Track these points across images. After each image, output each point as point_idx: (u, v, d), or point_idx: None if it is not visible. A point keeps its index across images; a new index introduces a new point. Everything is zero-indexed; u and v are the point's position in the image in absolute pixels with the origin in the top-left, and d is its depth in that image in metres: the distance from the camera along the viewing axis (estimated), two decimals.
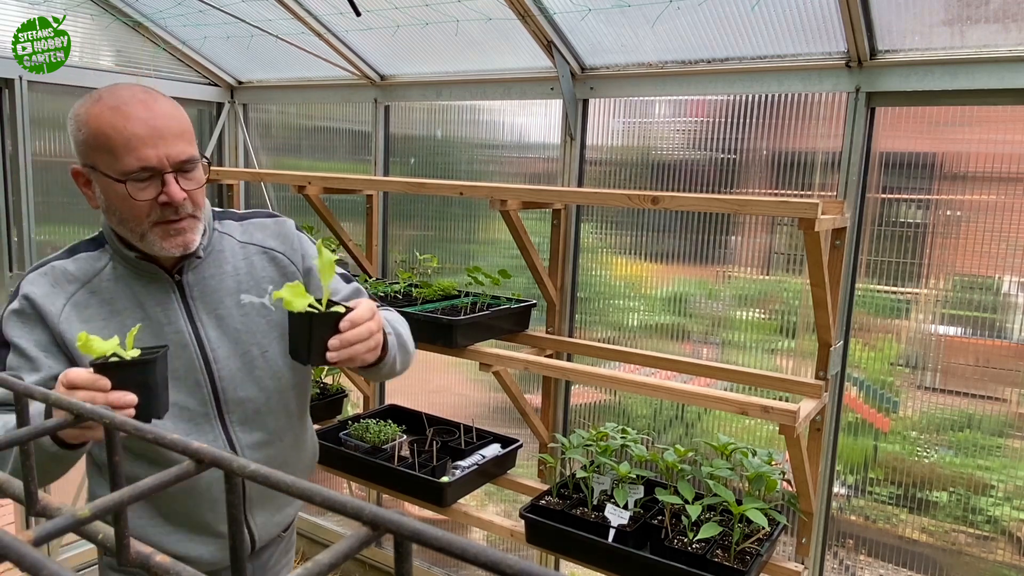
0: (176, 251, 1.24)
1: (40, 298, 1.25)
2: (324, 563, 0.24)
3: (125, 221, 1.22)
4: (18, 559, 0.22)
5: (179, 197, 1.20)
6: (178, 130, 1.21)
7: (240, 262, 1.38)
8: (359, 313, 1.15)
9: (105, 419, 0.32)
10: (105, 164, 1.18)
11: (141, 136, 1.17)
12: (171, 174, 1.20)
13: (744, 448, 1.94)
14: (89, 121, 1.18)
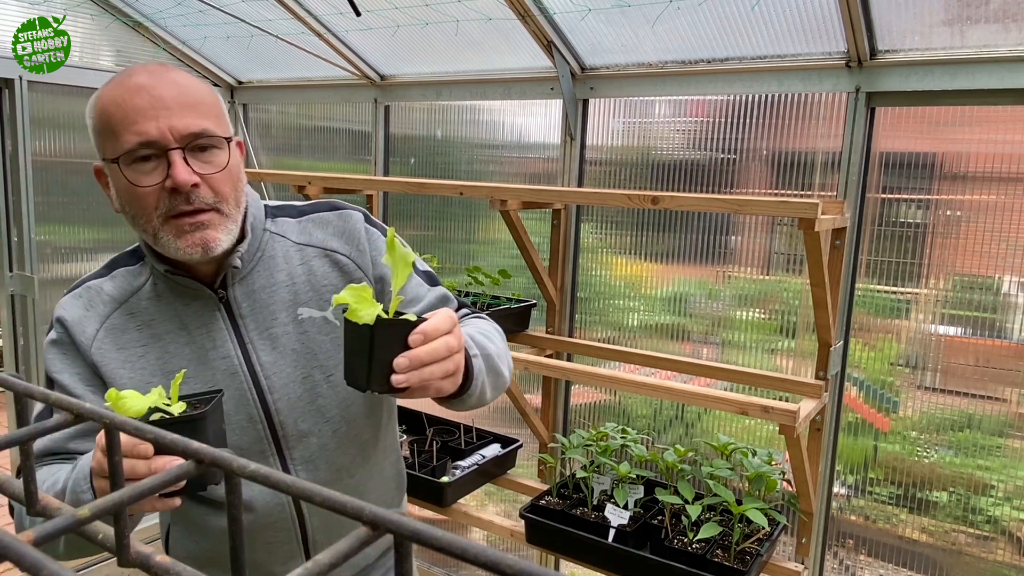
0: (194, 253, 1.00)
1: (73, 324, 1.07)
2: (324, 563, 0.24)
3: (136, 219, 1.02)
4: (18, 559, 0.22)
5: (185, 179, 0.96)
6: (189, 100, 0.98)
7: (297, 268, 1.13)
8: (435, 324, 0.86)
9: (105, 419, 0.32)
10: (109, 149, 0.99)
11: (141, 107, 0.96)
12: (177, 151, 0.96)
13: (744, 448, 1.94)
14: (96, 104, 1.01)
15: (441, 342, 0.86)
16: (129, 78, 0.98)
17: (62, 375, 1.06)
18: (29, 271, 2.85)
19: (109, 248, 3.13)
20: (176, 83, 0.99)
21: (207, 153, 1.00)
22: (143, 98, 0.96)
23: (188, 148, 0.98)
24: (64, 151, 2.94)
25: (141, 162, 0.97)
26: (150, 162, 0.97)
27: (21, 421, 0.33)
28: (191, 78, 1.03)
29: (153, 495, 0.79)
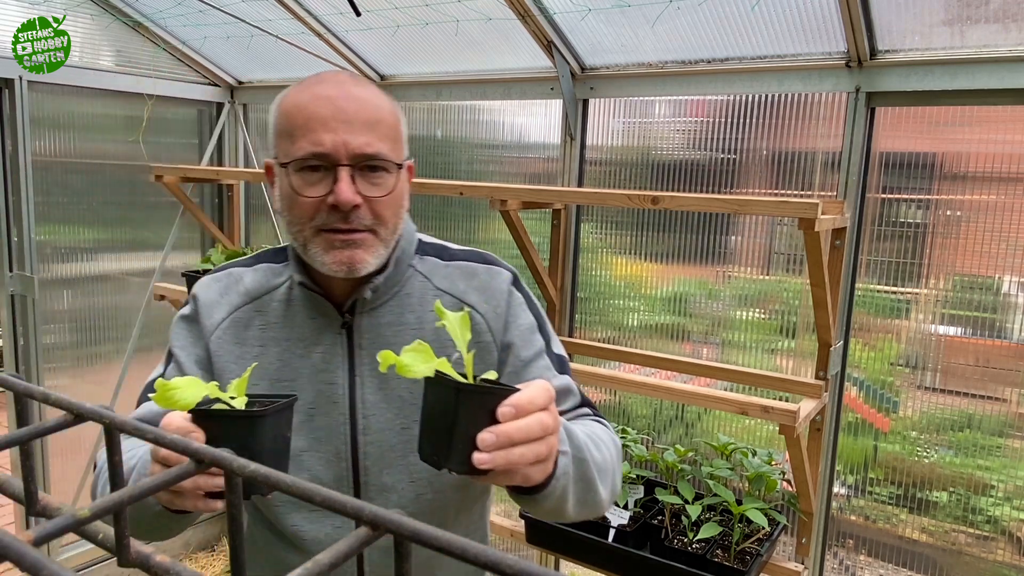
0: (339, 270, 0.97)
1: (203, 306, 1.07)
2: (324, 563, 0.24)
3: (291, 225, 0.99)
4: (18, 559, 0.22)
5: (347, 199, 0.94)
6: (369, 118, 0.96)
7: (428, 314, 1.06)
8: (529, 396, 0.72)
9: (105, 419, 0.32)
10: (282, 151, 1.00)
11: (321, 116, 0.95)
12: (346, 168, 0.94)
13: (744, 448, 1.94)
14: (281, 103, 1.02)
15: (535, 419, 0.73)
16: (317, 85, 0.99)
17: (181, 352, 1.06)
18: (29, 271, 2.85)
19: (109, 248, 3.13)
20: (361, 99, 0.97)
21: (375, 174, 0.97)
22: (325, 108, 0.95)
23: (357, 167, 0.96)
24: (64, 151, 2.94)
25: (309, 171, 0.96)
26: (318, 172, 0.96)
27: (21, 421, 0.33)
28: (379, 95, 1.01)
29: (198, 495, 0.76)
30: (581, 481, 0.91)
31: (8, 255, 2.86)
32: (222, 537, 3.68)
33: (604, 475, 0.96)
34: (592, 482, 0.93)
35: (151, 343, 3.32)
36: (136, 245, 3.22)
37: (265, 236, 3.42)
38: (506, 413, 0.71)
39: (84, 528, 0.28)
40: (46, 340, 2.98)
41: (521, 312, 1.09)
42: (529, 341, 1.08)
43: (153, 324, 3.29)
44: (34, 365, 2.95)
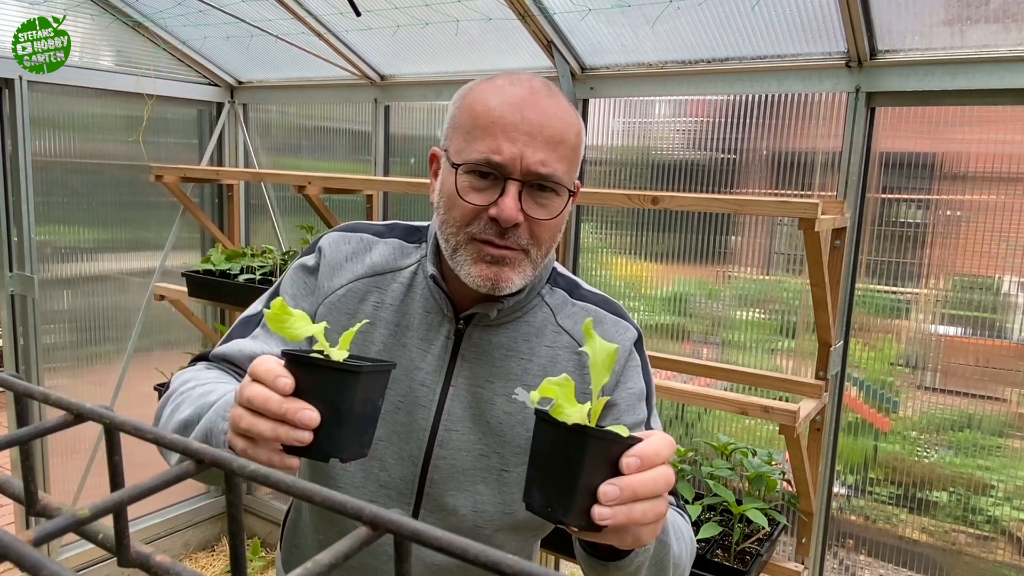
0: (484, 285, 0.93)
1: (327, 264, 1.04)
2: (324, 563, 0.24)
3: (445, 224, 0.95)
4: (18, 559, 0.22)
5: (511, 216, 0.90)
6: (554, 135, 0.91)
7: (542, 348, 1.02)
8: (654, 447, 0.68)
9: (105, 419, 0.32)
10: (455, 147, 0.95)
11: (506, 122, 0.90)
12: (516, 183, 0.90)
13: (744, 448, 1.94)
14: (467, 95, 0.96)
15: (659, 472, 0.67)
16: (511, 87, 0.94)
17: (289, 299, 1.03)
18: (29, 271, 2.85)
19: (109, 248, 3.13)
20: (549, 113, 0.92)
21: (544, 195, 0.93)
22: (514, 114, 0.91)
23: (527, 184, 0.92)
24: (64, 151, 2.94)
25: (479, 176, 0.92)
26: (487, 180, 0.92)
27: (21, 421, 0.33)
28: (568, 111, 0.95)
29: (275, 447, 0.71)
30: (656, 566, 0.87)
31: (8, 255, 2.86)
32: (222, 537, 3.69)
33: (678, 570, 0.92)
34: (665, 571, 0.88)
35: (151, 343, 3.32)
36: (136, 245, 3.22)
37: (265, 236, 3.42)
38: (631, 464, 0.65)
39: (84, 528, 0.28)
40: (46, 340, 2.98)
41: (635, 376, 1.03)
42: (634, 408, 1.03)
43: (153, 324, 3.29)
44: (34, 365, 2.95)
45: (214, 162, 3.42)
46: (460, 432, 1.00)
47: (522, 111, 0.91)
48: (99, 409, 0.32)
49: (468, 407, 1.00)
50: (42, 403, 0.34)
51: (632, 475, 0.66)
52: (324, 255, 1.05)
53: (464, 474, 1.00)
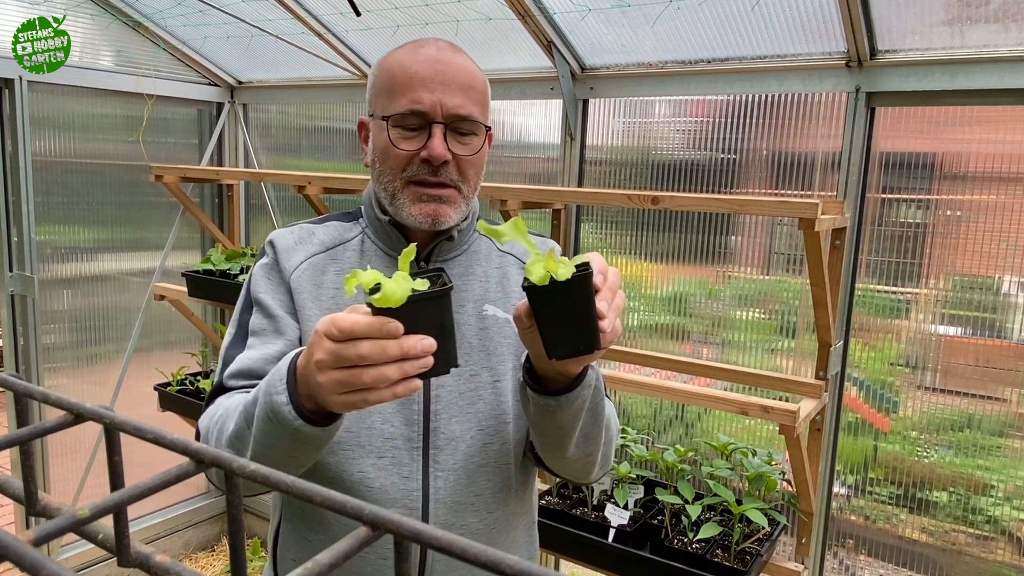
0: (424, 222, 1.05)
1: (281, 251, 1.12)
2: (324, 563, 0.24)
3: (382, 176, 1.08)
4: (18, 559, 0.22)
5: (441, 153, 1.02)
6: (465, 83, 1.05)
7: (493, 270, 1.16)
8: (598, 262, 0.88)
9: (105, 419, 0.32)
10: (380, 107, 1.06)
11: (422, 76, 1.02)
12: (440, 126, 1.03)
13: (744, 448, 1.94)
14: (382, 63, 1.08)
15: (613, 274, 0.89)
16: (421, 48, 1.05)
17: (265, 296, 1.09)
18: (29, 271, 2.85)
19: (109, 248, 3.13)
20: (458, 64, 1.05)
21: (465, 135, 1.05)
22: (428, 69, 1.03)
23: (450, 126, 1.04)
24: (64, 151, 2.94)
25: (406, 127, 1.04)
26: (414, 128, 1.04)
27: (21, 421, 0.33)
28: (472, 64, 1.09)
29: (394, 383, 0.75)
30: (593, 412, 0.99)
31: (8, 255, 2.86)
32: (222, 537, 3.69)
33: (607, 429, 1.05)
34: (600, 420, 1.01)
35: (151, 343, 3.32)
36: (136, 245, 3.22)
37: (265, 236, 3.41)
38: (600, 281, 0.84)
39: (84, 528, 0.28)
40: (46, 340, 2.98)
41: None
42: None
43: (153, 324, 3.29)
44: (34, 365, 2.95)
45: (214, 162, 3.42)
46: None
47: (434, 65, 1.03)
48: (99, 409, 0.32)
49: None
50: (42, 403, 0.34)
51: (606, 289, 0.85)
52: (275, 247, 1.13)
53: (461, 398, 1.08)
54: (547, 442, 1.01)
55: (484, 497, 1.09)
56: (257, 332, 1.08)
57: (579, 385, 0.92)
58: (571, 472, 1.09)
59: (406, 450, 1.05)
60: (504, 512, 1.12)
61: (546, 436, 1.00)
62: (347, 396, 0.77)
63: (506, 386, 1.10)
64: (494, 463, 1.09)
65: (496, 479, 1.10)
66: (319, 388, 0.79)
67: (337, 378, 0.76)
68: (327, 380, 0.77)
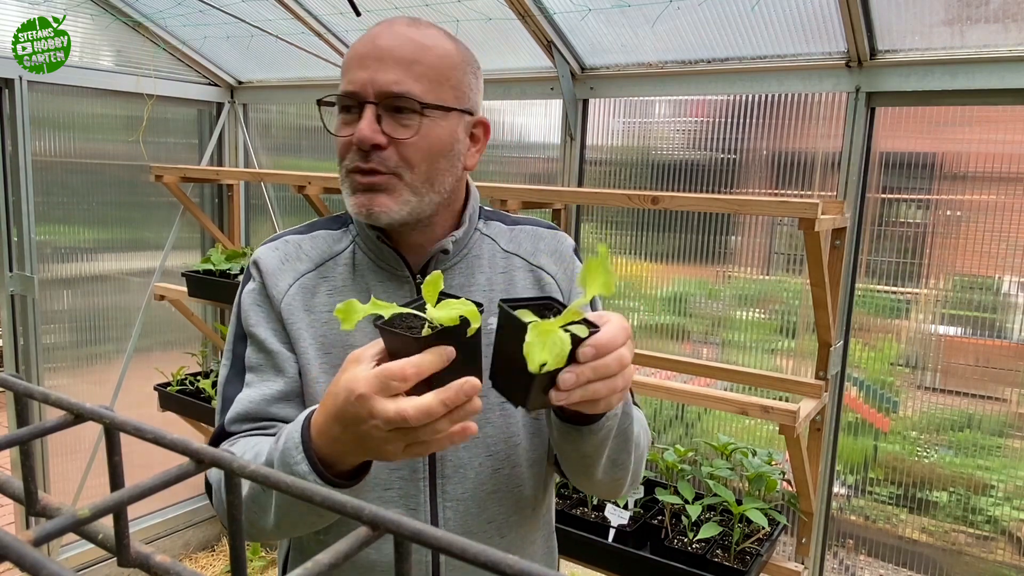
0: (358, 214, 0.95)
1: (268, 275, 1.01)
2: (324, 563, 0.24)
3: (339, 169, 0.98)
4: (18, 559, 0.22)
5: (364, 136, 0.90)
6: (405, 56, 0.91)
7: (498, 276, 1.05)
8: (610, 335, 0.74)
9: (105, 419, 0.32)
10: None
11: (360, 55, 0.92)
12: (370, 106, 0.91)
13: (744, 448, 1.94)
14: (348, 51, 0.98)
15: (613, 357, 0.74)
16: (376, 27, 0.96)
17: (258, 328, 1.00)
18: (29, 271, 2.85)
19: (109, 248, 3.13)
20: (404, 36, 0.93)
21: (403, 115, 0.92)
22: (365, 46, 0.93)
23: (385, 107, 0.92)
24: (64, 151, 2.94)
25: (345, 111, 0.95)
26: (351, 114, 0.94)
27: (21, 421, 0.33)
28: (433, 36, 0.95)
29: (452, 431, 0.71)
30: (620, 437, 0.92)
31: (8, 255, 2.86)
32: (222, 537, 3.68)
33: (636, 447, 0.97)
34: (628, 443, 0.94)
35: (151, 343, 3.32)
36: (136, 245, 3.22)
37: (265, 236, 3.41)
38: (587, 354, 0.72)
39: (84, 528, 0.28)
40: (46, 340, 2.98)
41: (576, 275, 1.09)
42: (584, 308, 1.07)
43: (153, 324, 3.29)
44: (34, 365, 2.95)
45: (214, 162, 3.42)
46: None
47: (374, 41, 0.92)
48: (99, 409, 0.32)
49: None
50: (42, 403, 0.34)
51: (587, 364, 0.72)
52: (260, 269, 1.03)
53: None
54: (572, 467, 0.95)
55: (496, 523, 1.03)
56: (254, 368, 1.00)
57: (605, 416, 0.85)
58: (598, 492, 1.03)
59: (412, 481, 0.99)
60: (518, 533, 1.07)
61: (571, 462, 0.94)
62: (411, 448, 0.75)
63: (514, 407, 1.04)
64: (505, 488, 1.03)
65: (508, 504, 1.04)
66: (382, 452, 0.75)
67: (387, 411, 0.72)
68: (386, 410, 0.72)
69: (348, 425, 0.75)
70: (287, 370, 0.98)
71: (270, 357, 0.99)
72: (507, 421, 1.02)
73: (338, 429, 0.76)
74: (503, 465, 1.02)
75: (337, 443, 0.77)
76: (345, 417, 0.74)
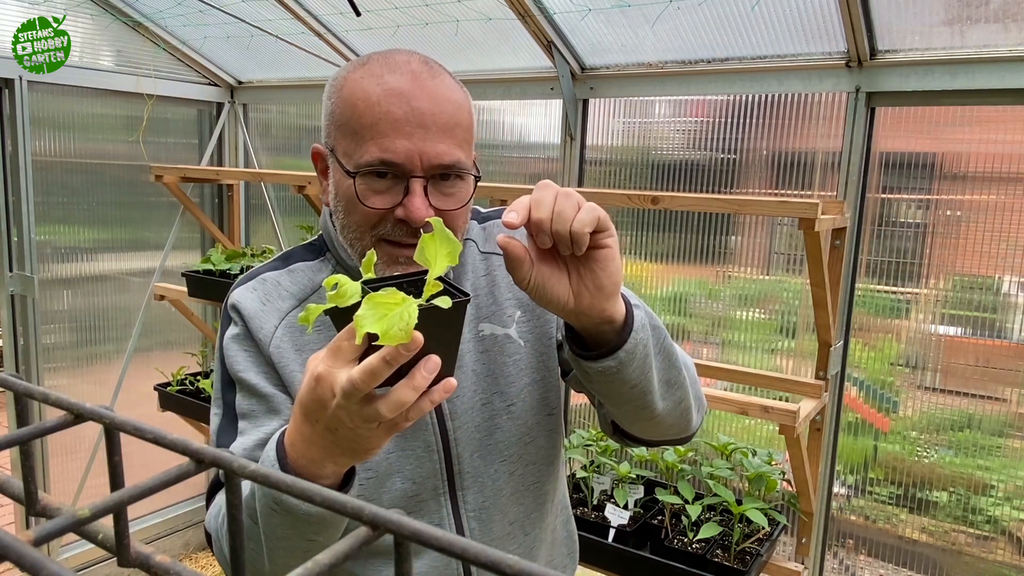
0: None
1: (251, 319, 0.96)
2: (324, 563, 0.24)
3: (346, 229, 0.91)
4: (18, 559, 0.22)
5: (422, 216, 0.84)
6: (448, 122, 0.87)
7: (480, 279, 1.02)
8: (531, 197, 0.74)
9: (105, 419, 0.32)
10: (343, 148, 0.89)
11: (394, 118, 0.84)
12: (420, 180, 0.86)
13: (744, 448, 1.94)
14: (343, 88, 0.89)
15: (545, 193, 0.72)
16: (389, 73, 0.87)
17: (247, 373, 0.95)
18: (29, 271, 2.85)
19: (109, 248, 3.13)
20: (438, 95, 0.87)
21: (449, 183, 0.89)
22: (399, 107, 0.84)
23: (431, 178, 0.87)
24: (64, 151, 2.94)
25: (376, 177, 0.86)
26: (385, 180, 0.86)
27: (21, 421, 0.33)
28: (453, 88, 0.90)
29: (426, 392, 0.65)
30: (662, 354, 0.86)
31: (8, 255, 2.86)
32: None
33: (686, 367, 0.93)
34: (675, 359, 0.88)
35: (151, 343, 3.32)
36: (136, 245, 3.22)
37: (265, 236, 3.42)
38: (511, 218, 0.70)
39: (84, 528, 0.28)
40: (46, 340, 2.98)
41: None
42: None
43: (153, 324, 3.28)
44: (34, 365, 2.95)
45: (214, 162, 3.42)
46: (460, 395, 0.97)
47: (409, 102, 0.85)
48: (99, 409, 0.32)
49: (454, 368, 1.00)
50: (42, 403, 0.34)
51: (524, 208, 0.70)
52: (241, 312, 0.98)
53: (479, 430, 0.98)
54: (631, 409, 0.88)
55: (519, 523, 1.03)
56: (247, 415, 0.96)
57: (631, 329, 0.79)
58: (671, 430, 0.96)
59: (432, 499, 0.97)
60: (541, 527, 1.06)
61: (626, 402, 0.87)
62: (385, 425, 0.69)
63: (521, 408, 1.00)
64: (523, 488, 1.02)
65: (527, 502, 1.03)
66: (357, 440, 0.70)
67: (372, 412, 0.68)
68: (367, 432, 0.69)
69: (318, 417, 0.71)
70: (283, 412, 0.95)
71: (263, 401, 0.95)
72: (516, 424, 1.00)
73: (308, 428, 0.72)
74: (517, 466, 1.01)
75: (313, 447, 0.73)
76: (312, 407, 0.70)
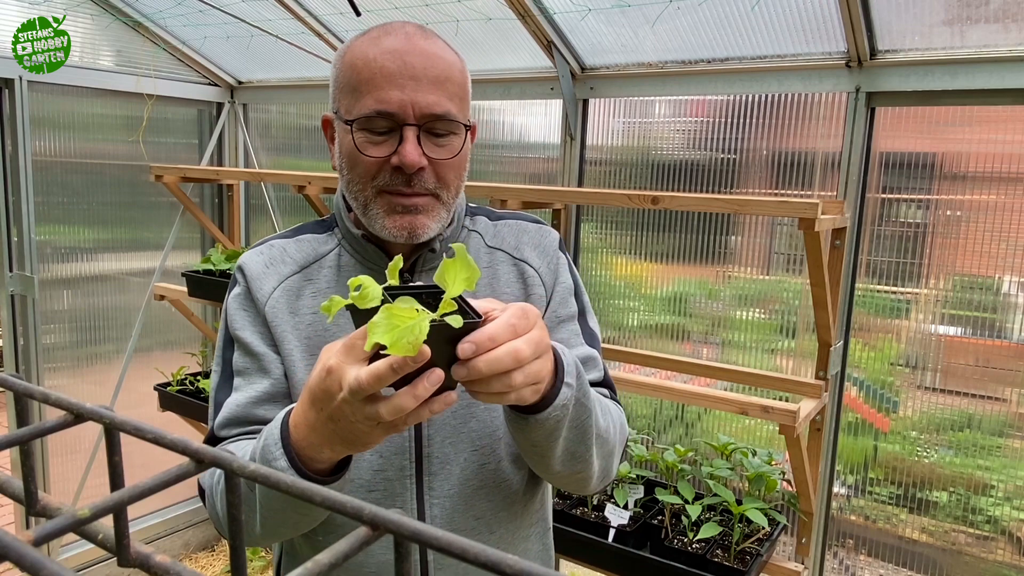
0: (399, 235, 0.95)
1: (252, 279, 1.02)
2: (324, 563, 0.24)
3: (351, 184, 0.96)
4: (18, 559, 0.22)
5: (413, 160, 0.91)
6: (439, 75, 0.92)
7: (482, 270, 1.02)
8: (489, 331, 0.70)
9: (105, 419, 0.32)
10: (345, 106, 0.95)
11: (389, 72, 0.90)
12: (412, 128, 0.91)
13: (744, 448, 1.94)
14: (345, 55, 0.95)
15: (504, 351, 0.69)
16: (384, 36, 0.93)
17: (244, 331, 1.01)
18: (29, 271, 2.85)
19: (109, 248, 3.13)
20: (429, 54, 0.92)
21: (442, 136, 0.94)
22: (392, 63, 0.91)
23: (424, 127, 0.93)
24: (64, 151, 2.94)
25: (372, 132, 0.93)
26: (381, 134, 0.93)
27: (21, 421, 0.33)
28: (446, 50, 0.96)
29: (427, 401, 0.67)
30: (577, 429, 0.88)
31: (8, 255, 2.86)
32: (222, 537, 3.68)
33: (602, 443, 0.94)
34: (587, 437, 0.90)
35: (151, 343, 3.32)
36: (136, 245, 3.22)
37: (265, 236, 3.41)
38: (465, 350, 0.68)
39: (84, 528, 0.28)
40: (46, 340, 2.98)
41: (563, 273, 1.10)
42: (566, 301, 1.09)
43: (153, 324, 3.28)
44: (34, 365, 2.95)
45: (214, 162, 3.42)
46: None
47: (403, 57, 0.91)
48: (99, 409, 0.32)
49: None
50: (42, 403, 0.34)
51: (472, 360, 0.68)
52: (246, 273, 1.03)
53: (454, 416, 1.00)
54: (527, 456, 0.93)
55: (485, 519, 1.03)
56: (241, 372, 1.01)
57: (549, 406, 0.80)
58: (561, 484, 1.00)
59: (398, 480, 0.99)
60: (507, 529, 1.06)
61: (525, 451, 0.92)
62: (384, 426, 0.72)
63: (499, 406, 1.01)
64: (492, 483, 1.03)
65: (496, 499, 1.03)
66: (355, 434, 0.73)
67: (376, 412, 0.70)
68: (367, 427, 0.72)
69: (323, 406, 0.73)
70: (273, 371, 0.99)
71: (256, 359, 1.00)
72: (491, 416, 1.02)
73: (313, 414, 0.75)
74: (489, 460, 1.02)
75: (314, 432, 0.76)
76: (319, 396, 0.73)
